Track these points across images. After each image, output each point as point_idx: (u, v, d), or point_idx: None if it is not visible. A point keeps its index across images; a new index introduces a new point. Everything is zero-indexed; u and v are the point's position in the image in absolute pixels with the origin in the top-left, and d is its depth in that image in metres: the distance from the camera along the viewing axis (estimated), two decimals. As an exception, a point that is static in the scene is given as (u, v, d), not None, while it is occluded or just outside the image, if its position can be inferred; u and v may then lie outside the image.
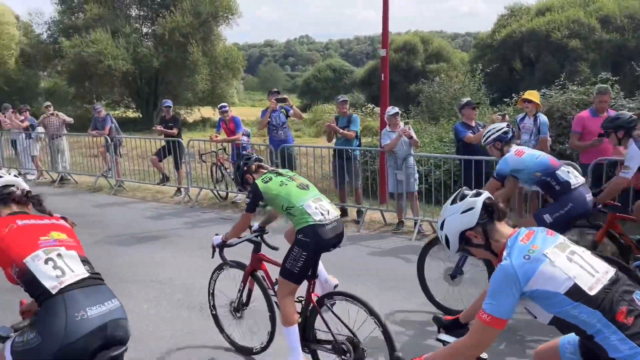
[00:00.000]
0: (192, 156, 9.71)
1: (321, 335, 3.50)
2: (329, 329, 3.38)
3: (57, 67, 29.01)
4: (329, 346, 3.41)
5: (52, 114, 11.79)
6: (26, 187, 2.69)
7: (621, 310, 1.88)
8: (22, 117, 12.15)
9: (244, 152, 4.50)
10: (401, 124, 7.47)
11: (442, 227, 2.27)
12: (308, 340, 3.52)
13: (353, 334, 3.32)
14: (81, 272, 2.32)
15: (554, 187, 4.16)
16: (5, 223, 2.36)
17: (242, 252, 3.95)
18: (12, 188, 2.63)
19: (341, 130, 7.64)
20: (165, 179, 9.90)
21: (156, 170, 10.10)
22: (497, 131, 4.45)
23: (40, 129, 12.00)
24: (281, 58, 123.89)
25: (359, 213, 7.91)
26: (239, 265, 3.93)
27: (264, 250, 3.83)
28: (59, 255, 2.32)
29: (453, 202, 2.26)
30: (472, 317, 2.29)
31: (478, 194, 2.23)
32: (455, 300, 4.30)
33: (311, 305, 3.49)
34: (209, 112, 31.64)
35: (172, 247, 6.73)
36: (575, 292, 1.91)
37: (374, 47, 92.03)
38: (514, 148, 4.37)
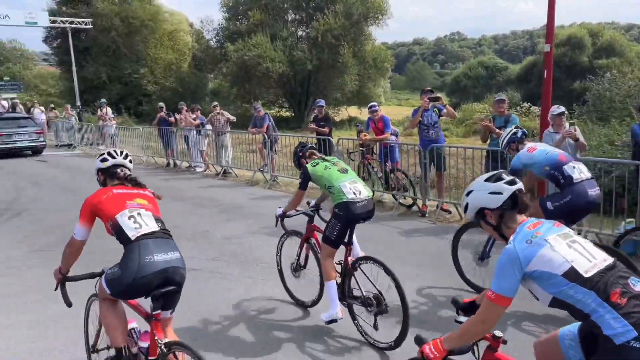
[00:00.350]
0: (340, 154, 9.94)
1: (355, 292, 4.23)
2: (359, 286, 4.15)
3: (222, 69, 31.84)
4: (359, 301, 4.15)
5: (219, 113, 12.97)
6: (129, 169, 3.45)
7: (615, 292, 2.01)
8: (194, 116, 13.53)
9: (301, 141, 5.24)
10: (566, 124, 6.82)
11: (467, 195, 2.45)
12: (345, 296, 4.28)
13: (379, 291, 4.01)
14: (153, 227, 3.05)
15: (560, 180, 4.61)
16: (106, 191, 3.20)
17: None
18: (120, 168, 3.38)
19: (497, 131, 7.23)
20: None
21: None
22: (508, 134, 5.07)
23: (208, 127, 13.26)
24: (430, 56, 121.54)
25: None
26: (296, 233, 4.82)
27: (317, 223, 4.61)
28: (139, 214, 3.07)
29: (488, 179, 2.41)
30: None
31: (513, 183, 2.37)
32: (482, 281, 4.81)
33: (347, 267, 4.27)
34: (355, 111, 32.30)
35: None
36: (572, 274, 2.07)
37: (532, 42, 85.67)
38: (528, 145, 4.89)
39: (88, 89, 30.81)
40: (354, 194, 4.11)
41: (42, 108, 23.66)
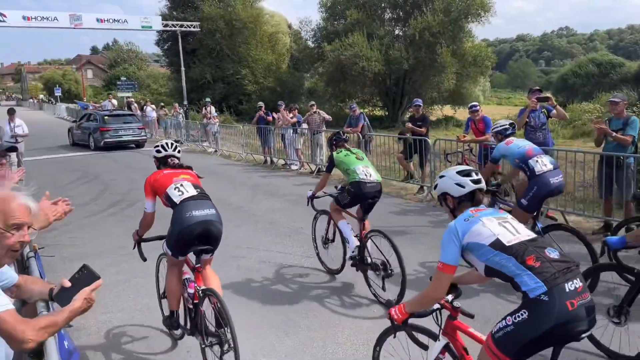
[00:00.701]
0: (437, 155, 9.70)
1: (367, 260, 5.22)
2: (369, 253, 5.20)
3: (318, 69, 32.35)
4: (370, 266, 5.15)
5: (315, 112, 13.19)
6: (178, 158, 4.28)
7: (530, 257, 2.41)
8: (291, 115, 13.88)
9: (337, 131, 6.28)
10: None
11: (440, 177, 2.91)
12: (361, 263, 5.27)
13: (385, 258, 4.96)
14: (193, 192, 3.92)
15: (526, 172, 5.23)
16: (159, 172, 4.12)
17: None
18: (170, 158, 4.22)
19: (614, 134, 6.65)
20: (410, 177, 10.12)
21: (401, 168, 10.41)
22: (501, 127, 6.00)
23: (305, 126, 13.53)
24: (535, 53, 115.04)
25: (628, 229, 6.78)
26: (325, 212, 5.87)
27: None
28: (182, 185, 3.95)
29: (459, 172, 2.84)
30: (462, 282, 2.94)
31: (477, 182, 2.80)
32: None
33: (361, 239, 5.25)
34: (450, 111, 31.33)
35: (414, 244, 6.82)
36: (497, 244, 2.48)
37: (653, 36, 78.24)
38: (508, 139, 5.65)
39: (194, 89, 32.71)
40: (365, 175, 5.20)
41: (153, 106, 25.52)
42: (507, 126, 5.95)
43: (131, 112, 23.14)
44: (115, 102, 28.80)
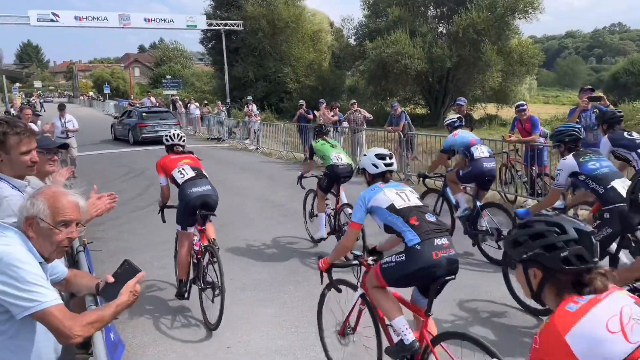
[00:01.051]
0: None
1: (344, 228, 6.50)
2: (343, 222, 6.63)
3: (359, 67, 32.19)
4: (343, 232, 6.47)
5: (356, 110, 13.13)
6: (182, 146, 5.34)
7: (413, 217, 3.20)
8: (332, 113, 13.87)
9: (320, 124, 7.82)
10: None
11: (364, 155, 3.76)
12: (335, 230, 6.72)
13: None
14: (192, 174, 4.97)
15: (467, 157, 6.40)
16: (167, 157, 5.18)
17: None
18: (175, 147, 5.27)
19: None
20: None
21: (444, 168, 10.20)
22: (450, 120, 7.03)
23: (345, 124, 13.50)
24: (584, 50, 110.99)
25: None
26: (311, 191, 7.18)
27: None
28: (183, 169, 5.00)
29: (377, 155, 3.64)
30: (384, 248, 3.72)
31: (389, 165, 3.60)
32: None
33: (336, 210, 6.71)
34: (493, 109, 30.54)
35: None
36: (391, 208, 3.29)
37: None
38: (456, 131, 6.70)
39: (236, 87, 33.15)
40: (338, 160, 6.53)
41: (197, 104, 26.04)
42: (456, 119, 6.98)
43: (167, 109, 24.00)
44: (153, 99, 29.61)
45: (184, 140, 5.35)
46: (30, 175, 2.81)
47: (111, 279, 2.35)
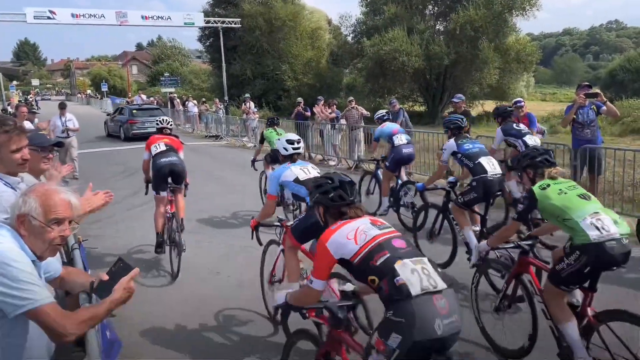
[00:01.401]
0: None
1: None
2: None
3: (357, 64, 32.15)
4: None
5: (353, 108, 13.11)
6: (170, 129, 6.59)
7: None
8: (330, 110, 13.84)
9: (271, 116, 9.15)
10: None
11: (278, 140, 4.90)
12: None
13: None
14: (163, 148, 6.12)
15: (389, 144, 7.58)
16: (154, 136, 6.42)
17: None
18: (164, 130, 6.49)
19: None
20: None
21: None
22: (380, 114, 8.43)
23: (343, 121, 13.48)
24: (581, 47, 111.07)
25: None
26: (263, 172, 8.78)
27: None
28: (159, 144, 6.17)
29: (288, 140, 4.58)
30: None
31: (296, 149, 4.54)
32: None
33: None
34: (491, 106, 30.51)
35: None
36: (296, 180, 4.24)
37: None
38: (384, 124, 7.97)
39: (234, 84, 33.10)
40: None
41: (195, 102, 25.99)
42: (384, 114, 8.44)
43: (157, 107, 24.20)
44: (144, 96, 29.79)
45: (171, 125, 6.64)
46: (23, 172, 2.78)
47: (105, 277, 2.33)
